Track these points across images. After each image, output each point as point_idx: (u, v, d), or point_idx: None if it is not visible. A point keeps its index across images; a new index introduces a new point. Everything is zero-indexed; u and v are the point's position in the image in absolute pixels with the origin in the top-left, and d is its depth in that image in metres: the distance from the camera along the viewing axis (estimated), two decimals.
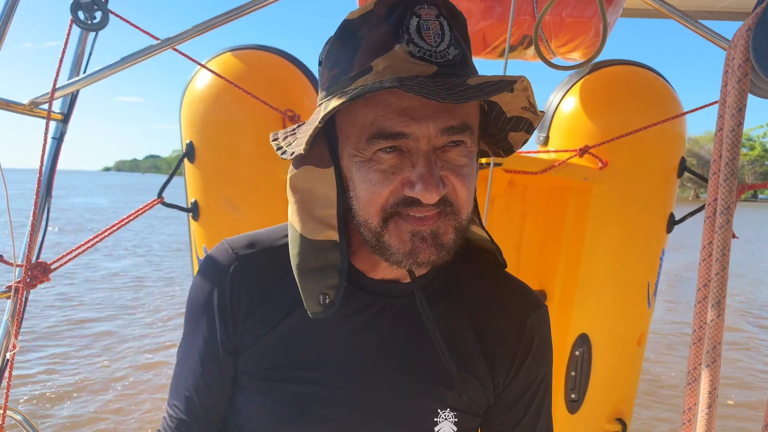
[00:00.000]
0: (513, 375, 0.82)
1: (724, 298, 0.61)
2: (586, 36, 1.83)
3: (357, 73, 0.66)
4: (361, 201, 0.68)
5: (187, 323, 0.84)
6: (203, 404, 0.83)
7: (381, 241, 0.68)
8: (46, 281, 1.63)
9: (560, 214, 2.20)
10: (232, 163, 1.99)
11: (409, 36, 0.64)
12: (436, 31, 0.65)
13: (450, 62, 0.65)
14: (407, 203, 0.66)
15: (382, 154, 0.66)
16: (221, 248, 0.82)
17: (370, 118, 0.65)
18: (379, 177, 0.66)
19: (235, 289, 0.79)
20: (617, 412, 2.31)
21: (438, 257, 0.68)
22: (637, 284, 2.20)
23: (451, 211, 0.67)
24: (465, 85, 0.60)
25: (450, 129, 0.64)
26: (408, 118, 0.63)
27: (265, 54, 2.07)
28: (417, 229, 0.66)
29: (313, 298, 0.73)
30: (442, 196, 0.65)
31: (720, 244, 0.61)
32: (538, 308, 0.85)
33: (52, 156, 1.65)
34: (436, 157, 0.65)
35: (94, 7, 1.56)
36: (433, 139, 0.64)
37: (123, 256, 11.76)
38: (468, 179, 0.68)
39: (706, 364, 0.59)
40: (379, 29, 0.66)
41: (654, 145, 2.08)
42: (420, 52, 0.64)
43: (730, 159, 0.61)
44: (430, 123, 0.64)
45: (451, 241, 0.69)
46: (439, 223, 0.67)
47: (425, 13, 0.65)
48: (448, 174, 0.66)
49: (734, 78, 0.61)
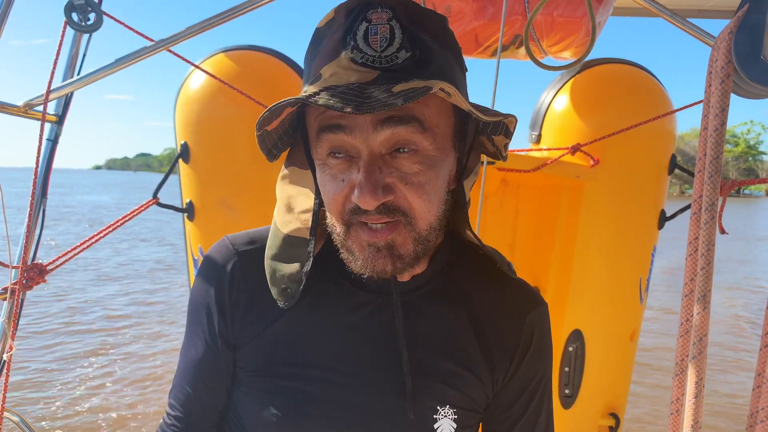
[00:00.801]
0: (512, 372, 0.83)
1: (709, 292, 0.63)
2: (577, 35, 1.85)
3: (312, 79, 0.68)
4: (326, 207, 0.71)
5: (189, 319, 0.86)
6: (201, 400, 0.84)
7: (346, 245, 0.70)
8: (42, 282, 1.64)
9: (553, 211, 2.22)
10: (226, 163, 1.99)
11: (354, 42, 0.64)
12: (383, 36, 0.64)
13: (398, 66, 0.64)
14: (357, 211, 0.66)
15: (332, 159, 0.67)
16: (222, 244, 0.84)
17: (316, 117, 0.67)
18: (331, 182, 0.68)
19: (234, 285, 0.80)
20: (611, 407, 2.33)
21: (394, 268, 0.68)
22: (629, 280, 2.22)
23: (406, 221, 0.67)
24: (390, 92, 0.59)
25: (390, 119, 0.63)
26: (346, 123, 0.64)
27: (259, 54, 2.07)
28: (371, 240, 0.67)
29: (277, 287, 0.77)
30: (389, 205, 0.65)
31: (705, 239, 0.63)
32: (538, 306, 0.86)
33: (47, 157, 1.65)
34: (383, 163, 0.65)
35: (87, 8, 1.56)
36: (371, 135, 0.64)
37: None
38: (422, 188, 0.66)
39: (692, 356, 0.61)
40: (335, 36, 0.67)
41: (645, 142, 2.10)
42: (363, 58, 0.64)
43: (714, 157, 0.63)
44: (368, 114, 0.63)
45: (409, 252, 0.68)
46: (394, 235, 0.67)
47: (376, 17, 0.65)
48: (396, 181, 0.65)
49: (717, 79, 0.63)
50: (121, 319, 7.17)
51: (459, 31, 1.89)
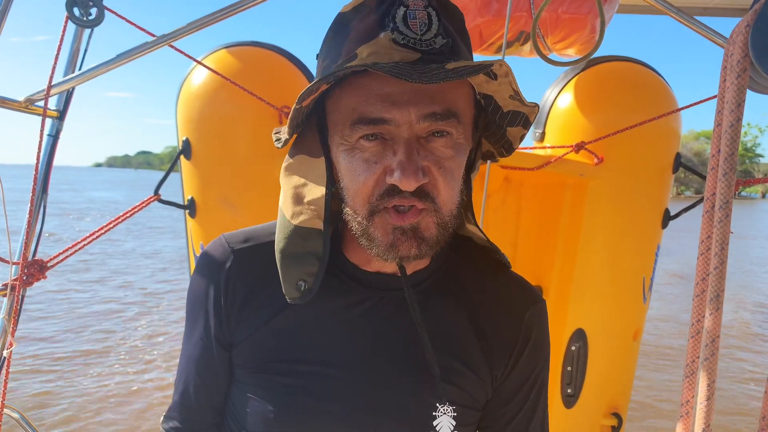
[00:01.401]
0: (510, 369, 0.83)
1: (722, 292, 0.62)
2: (581, 32, 1.83)
3: (343, 60, 0.67)
4: (349, 192, 0.69)
5: (187, 317, 0.85)
6: (198, 400, 0.84)
7: (367, 232, 0.69)
8: (42, 279, 1.63)
9: (556, 209, 2.21)
10: (228, 159, 1.98)
11: (394, 24, 0.65)
12: (422, 21, 0.65)
13: (436, 50, 0.65)
14: (389, 193, 0.66)
15: (364, 142, 0.66)
16: (217, 243, 0.83)
17: (353, 105, 0.66)
18: (362, 166, 0.67)
19: (230, 283, 0.79)
20: (613, 407, 2.32)
21: (419, 251, 0.68)
22: (632, 279, 2.21)
23: (432, 207, 0.67)
24: (442, 69, 0.60)
25: (432, 115, 0.64)
26: (389, 104, 0.64)
27: (261, 50, 2.06)
28: (398, 224, 0.67)
29: (291, 283, 0.74)
30: (422, 189, 0.65)
31: (719, 238, 0.61)
32: (537, 303, 0.86)
33: (48, 153, 1.64)
34: (419, 146, 0.65)
35: (89, 3, 1.55)
36: (414, 125, 0.64)
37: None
38: (450, 174, 0.67)
39: (704, 358, 0.60)
40: (368, 19, 0.67)
41: (649, 141, 2.09)
42: (404, 40, 0.64)
43: (729, 154, 0.62)
44: (411, 108, 0.63)
45: (433, 236, 0.68)
46: (420, 218, 0.67)
47: (413, 3, 0.66)
48: (431, 165, 0.66)
49: (733, 74, 0.62)
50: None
51: None
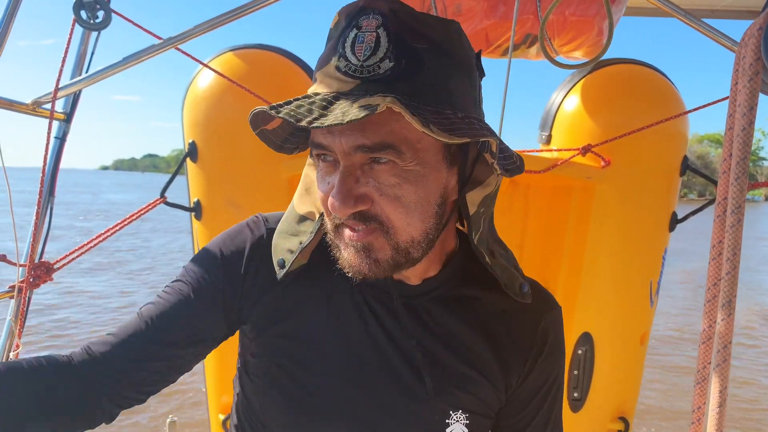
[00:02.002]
0: (526, 375, 0.82)
1: (734, 298, 0.61)
2: (589, 35, 1.82)
3: (313, 82, 0.69)
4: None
5: (192, 263, 0.83)
6: (156, 324, 0.78)
7: (335, 243, 0.71)
8: (49, 281, 1.63)
9: (563, 213, 2.20)
10: (234, 162, 1.98)
11: (342, 50, 0.64)
12: (368, 44, 0.63)
13: (379, 76, 0.62)
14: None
15: (320, 161, 0.69)
16: (254, 219, 0.86)
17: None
18: (320, 182, 0.70)
19: (256, 260, 0.80)
20: (620, 411, 2.31)
21: (370, 270, 0.68)
22: (639, 283, 2.19)
23: (382, 229, 0.66)
24: (350, 107, 0.58)
25: (362, 147, 0.63)
26: (326, 131, 0.65)
27: (267, 53, 2.06)
28: (351, 240, 0.68)
29: (275, 258, 0.78)
30: (366, 213, 0.65)
31: (731, 243, 0.61)
32: (553, 309, 0.85)
33: (54, 156, 1.65)
34: (361, 173, 0.65)
35: (96, 6, 1.56)
36: (347, 155, 0.64)
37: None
38: (399, 200, 0.65)
39: (716, 364, 0.59)
40: (332, 40, 0.67)
41: (657, 143, 2.07)
42: (346, 67, 0.63)
43: (741, 158, 0.61)
44: (343, 139, 0.63)
45: (387, 258, 0.68)
46: (371, 238, 0.67)
47: (367, 23, 0.63)
48: (372, 191, 0.65)
49: (745, 77, 0.61)
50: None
51: (469, 30, 1.87)
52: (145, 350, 0.76)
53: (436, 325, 0.78)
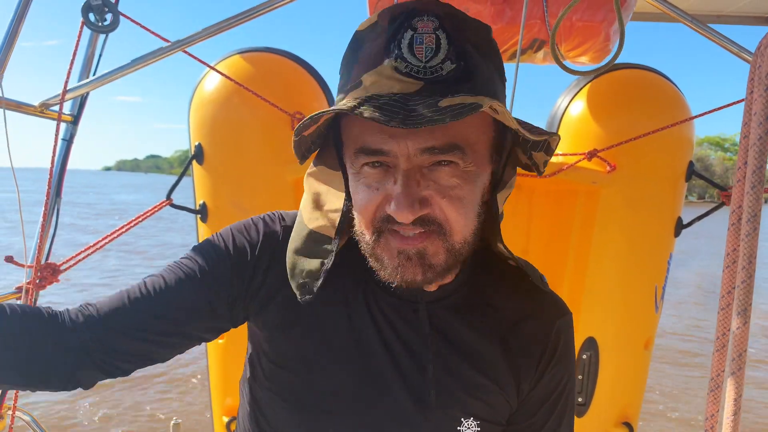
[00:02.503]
0: (537, 380, 0.82)
1: (749, 306, 0.61)
2: (595, 40, 1.82)
3: (351, 86, 0.67)
4: (356, 213, 0.70)
5: (199, 247, 0.81)
6: (142, 303, 0.76)
7: (374, 253, 0.69)
8: (55, 282, 1.63)
9: (568, 217, 2.20)
10: (240, 165, 1.98)
11: (399, 51, 0.63)
12: (429, 46, 0.63)
13: (442, 78, 0.63)
14: (390, 220, 0.66)
15: (368, 168, 0.66)
16: (272, 216, 0.84)
17: (356, 133, 0.66)
18: (364, 192, 0.67)
19: (268, 256, 0.79)
20: (624, 416, 2.30)
21: (424, 278, 0.67)
22: (644, 288, 2.19)
23: (440, 231, 0.66)
24: (435, 106, 0.58)
25: (431, 149, 0.63)
26: (387, 136, 0.63)
27: (274, 56, 2.06)
28: (402, 248, 0.66)
29: (296, 282, 0.75)
30: (425, 217, 0.64)
31: (746, 252, 0.61)
32: (565, 314, 0.85)
33: (62, 157, 1.65)
34: (421, 176, 0.64)
35: (104, 9, 1.56)
36: (412, 158, 0.63)
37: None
38: (460, 201, 0.66)
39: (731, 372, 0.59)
40: (377, 42, 0.65)
41: (662, 148, 2.07)
42: (407, 68, 0.63)
43: (757, 167, 0.61)
44: (409, 142, 0.62)
45: (441, 262, 0.67)
46: (426, 243, 0.66)
47: (422, 25, 0.63)
48: (434, 194, 0.65)
49: (761, 86, 0.61)
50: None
51: None
52: (140, 321, 0.74)
53: (450, 331, 0.78)
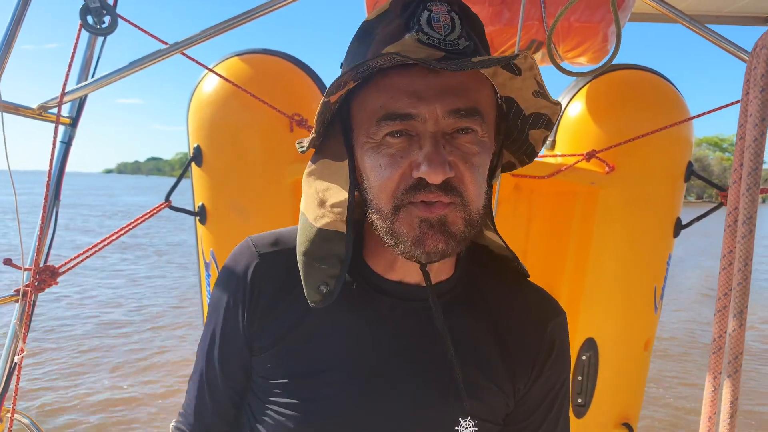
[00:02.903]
0: (533, 381, 0.82)
1: (745, 308, 0.61)
2: (593, 41, 1.83)
3: (369, 59, 0.67)
4: (374, 189, 0.69)
5: (208, 318, 0.86)
6: (213, 403, 0.84)
7: (392, 229, 0.69)
8: (54, 285, 1.63)
9: (567, 218, 2.20)
10: (239, 167, 1.98)
11: (419, 26, 0.66)
12: (446, 23, 0.67)
13: (460, 51, 0.67)
14: (416, 188, 0.66)
15: (390, 138, 0.67)
16: (245, 246, 0.84)
17: (380, 102, 0.67)
18: (388, 161, 0.67)
19: (255, 288, 0.80)
20: (624, 417, 2.30)
21: (446, 246, 0.67)
22: (644, 289, 2.19)
23: (460, 201, 0.67)
24: (468, 61, 0.62)
25: (457, 111, 0.65)
26: (415, 99, 0.65)
27: (273, 58, 2.07)
28: (425, 216, 0.67)
29: (312, 286, 0.74)
30: (449, 183, 0.65)
31: (743, 253, 0.61)
32: (559, 315, 0.86)
33: (60, 160, 1.65)
34: (445, 142, 0.66)
35: (102, 11, 1.56)
36: (440, 120, 0.65)
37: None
38: (476, 170, 0.68)
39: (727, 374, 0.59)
40: (393, 24, 0.69)
41: (661, 149, 2.07)
42: (429, 40, 0.66)
43: (753, 169, 0.61)
44: (437, 104, 0.65)
45: (460, 232, 0.68)
46: (447, 211, 0.67)
47: (437, 8, 0.68)
48: (457, 160, 0.66)
49: (757, 87, 0.61)
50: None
51: None
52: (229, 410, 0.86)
53: (449, 329, 0.78)
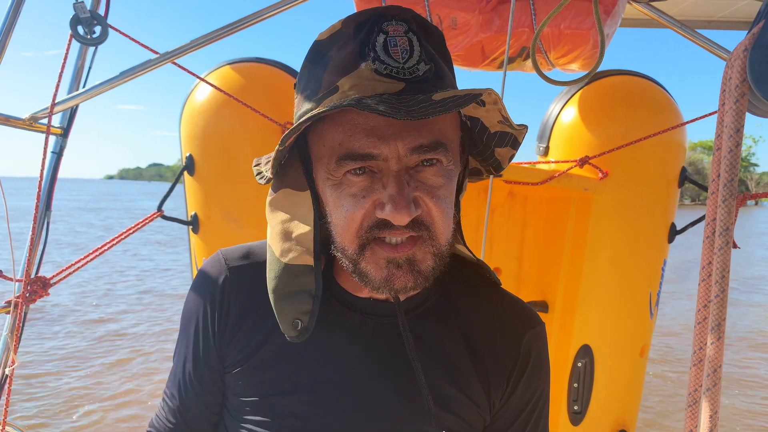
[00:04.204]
0: (509, 394, 0.81)
1: (724, 321, 0.60)
2: (584, 47, 1.82)
3: (324, 93, 0.65)
4: (337, 227, 0.67)
5: (180, 332, 0.85)
6: (184, 418, 0.83)
7: (358, 268, 0.67)
8: (45, 296, 1.63)
9: (561, 224, 2.19)
10: (231, 175, 1.98)
11: (375, 53, 0.62)
12: (404, 48, 0.63)
13: (420, 78, 0.63)
14: (380, 226, 0.64)
15: (351, 176, 0.64)
16: (215, 259, 0.82)
17: (339, 140, 0.64)
18: (350, 201, 0.65)
19: (224, 302, 0.78)
20: (620, 424, 2.29)
21: (415, 284, 0.66)
22: (639, 295, 2.18)
23: (428, 236, 0.65)
24: (429, 100, 0.58)
25: (420, 148, 0.62)
26: (375, 138, 0.62)
27: (264, 67, 2.07)
28: (392, 256, 0.65)
29: (287, 323, 0.72)
30: (416, 219, 0.63)
31: (720, 266, 0.60)
32: (535, 326, 0.84)
33: (51, 170, 1.65)
34: (409, 177, 0.63)
35: (93, 21, 1.57)
36: (402, 158, 0.63)
37: None
38: (444, 201, 0.65)
39: (706, 388, 0.58)
40: (347, 48, 0.65)
41: (654, 155, 2.07)
42: (386, 70, 0.62)
43: (728, 180, 0.60)
44: (399, 142, 0.62)
45: (429, 268, 0.67)
46: (415, 250, 0.65)
47: (393, 29, 0.64)
48: (422, 195, 0.64)
49: (732, 98, 0.60)
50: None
51: (465, 43, 1.87)
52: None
53: (421, 343, 0.77)
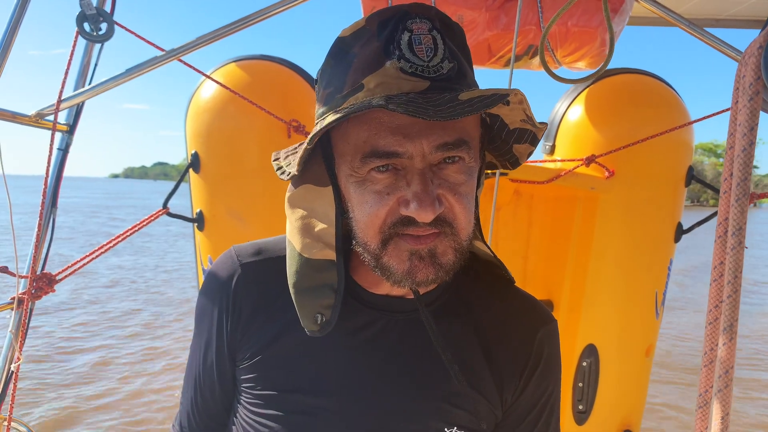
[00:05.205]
0: (521, 391, 0.81)
1: (736, 321, 0.59)
2: (592, 45, 1.82)
3: (349, 91, 0.65)
4: (360, 223, 0.68)
5: (195, 330, 0.86)
6: (201, 415, 0.86)
7: (380, 262, 0.67)
8: (51, 292, 1.63)
9: (567, 223, 2.19)
10: (237, 173, 1.98)
11: (400, 52, 0.63)
12: (428, 46, 0.63)
13: (444, 76, 0.63)
14: (404, 223, 0.65)
15: (376, 173, 0.65)
16: (227, 255, 0.83)
17: (364, 137, 0.64)
18: (374, 198, 0.65)
19: (237, 298, 0.79)
20: (625, 424, 2.28)
21: (436, 276, 0.66)
22: (645, 294, 2.17)
23: (450, 231, 0.66)
24: (456, 100, 0.58)
25: (444, 145, 0.63)
26: (401, 137, 0.62)
27: (270, 64, 2.06)
28: (415, 248, 0.65)
29: (309, 317, 0.73)
30: (438, 216, 0.64)
31: (732, 266, 0.59)
32: (548, 323, 0.84)
33: (57, 167, 1.65)
34: (432, 175, 0.64)
35: (99, 18, 1.57)
36: (427, 156, 0.63)
37: None
38: (466, 198, 0.66)
39: (718, 389, 0.58)
40: (371, 46, 0.65)
41: (661, 154, 2.06)
42: (412, 68, 0.62)
43: (741, 179, 0.59)
44: (424, 140, 0.62)
45: (450, 262, 0.67)
46: (437, 242, 0.65)
47: (417, 27, 0.64)
48: (445, 192, 0.64)
49: (745, 96, 0.59)
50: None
51: (472, 41, 1.87)
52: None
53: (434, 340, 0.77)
